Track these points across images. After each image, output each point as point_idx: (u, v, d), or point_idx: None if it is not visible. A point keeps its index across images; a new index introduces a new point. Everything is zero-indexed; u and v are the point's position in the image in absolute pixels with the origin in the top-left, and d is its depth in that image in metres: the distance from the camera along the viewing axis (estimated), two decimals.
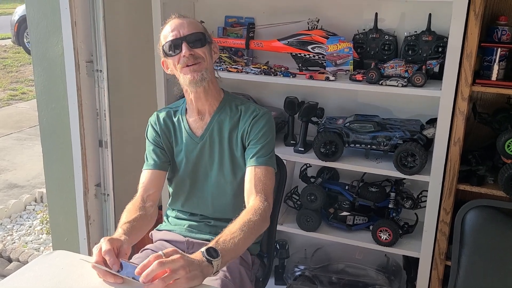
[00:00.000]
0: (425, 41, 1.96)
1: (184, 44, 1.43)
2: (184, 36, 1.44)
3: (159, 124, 1.59)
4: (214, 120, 1.54)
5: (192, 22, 1.48)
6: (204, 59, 1.47)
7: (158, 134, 1.58)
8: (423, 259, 1.97)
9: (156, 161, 1.56)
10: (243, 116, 1.52)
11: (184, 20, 1.47)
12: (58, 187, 2.22)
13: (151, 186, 1.55)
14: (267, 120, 1.52)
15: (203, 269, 1.13)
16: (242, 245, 1.28)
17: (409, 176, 1.92)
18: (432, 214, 1.90)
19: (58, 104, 2.09)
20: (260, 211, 1.37)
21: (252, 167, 1.47)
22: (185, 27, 1.45)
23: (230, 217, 1.53)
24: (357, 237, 2.12)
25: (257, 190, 1.43)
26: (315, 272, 2.29)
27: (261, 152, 1.48)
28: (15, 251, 2.67)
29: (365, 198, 2.08)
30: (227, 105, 1.55)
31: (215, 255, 1.16)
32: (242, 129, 1.52)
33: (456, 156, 1.79)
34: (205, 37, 1.48)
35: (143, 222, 1.46)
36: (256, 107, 1.55)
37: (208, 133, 1.55)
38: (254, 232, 1.34)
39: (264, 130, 1.50)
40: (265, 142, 1.49)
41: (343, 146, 2.01)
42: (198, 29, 1.48)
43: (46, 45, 2.03)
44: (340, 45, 2.01)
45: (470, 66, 1.69)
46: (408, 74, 1.87)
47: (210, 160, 1.56)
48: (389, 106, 2.18)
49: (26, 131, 5.27)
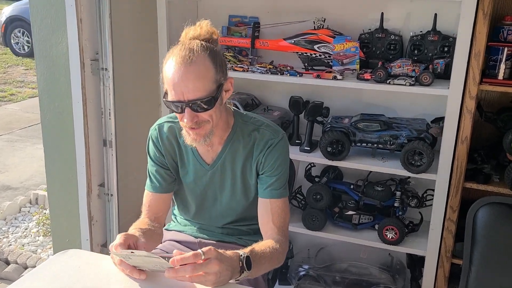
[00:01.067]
0: (431, 41, 1.98)
1: (187, 111, 1.24)
2: (188, 101, 1.23)
3: (162, 142, 1.44)
4: (226, 149, 1.41)
5: (200, 78, 1.22)
6: (210, 122, 1.28)
7: (162, 154, 1.45)
8: (429, 257, 1.98)
9: (162, 184, 1.46)
10: (257, 145, 1.39)
11: (190, 75, 1.21)
12: (60, 187, 2.18)
13: (158, 209, 1.48)
14: (282, 149, 1.40)
15: (233, 275, 1.13)
16: (263, 270, 1.29)
17: (416, 175, 1.93)
18: (438, 212, 1.91)
19: (61, 102, 2.06)
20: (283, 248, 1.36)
21: (267, 200, 1.40)
22: (189, 90, 1.21)
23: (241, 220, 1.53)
24: (362, 236, 2.12)
25: (276, 225, 1.38)
26: (319, 272, 2.29)
27: (276, 184, 1.39)
28: (13, 254, 2.62)
29: (371, 197, 2.09)
30: (239, 132, 1.41)
31: (248, 267, 1.17)
32: (256, 159, 1.40)
33: (464, 154, 1.81)
34: (214, 99, 1.25)
35: (152, 235, 1.40)
36: (270, 132, 1.40)
37: (220, 162, 1.43)
38: (275, 263, 1.34)
39: (279, 161, 1.39)
40: (280, 174, 1.39)
41: (349, 145, 2.02)
42: (207, 90, 1.23)
43: (50, 43, 2.00)
44: (346, 44, 2.02)
45: (478, 65, 1.71)
46: (415, 73, 1.88)
47: (221, 188, 1.47)
48: (393, 105, 2.20)
49: (16, 133, 5.19)
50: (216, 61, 1.26)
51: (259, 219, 1.43)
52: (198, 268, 1.06)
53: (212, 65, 1.24)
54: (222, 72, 1.28)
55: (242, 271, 1.16)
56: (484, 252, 1.46)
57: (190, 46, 1.25)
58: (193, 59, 1.22)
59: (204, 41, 1.28)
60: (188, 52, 1.23)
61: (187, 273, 1.05)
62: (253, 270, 1.19)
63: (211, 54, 1.25)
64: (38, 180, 3.90)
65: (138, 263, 1.11)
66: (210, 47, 1.27)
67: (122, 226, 2.17)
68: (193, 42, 1.27)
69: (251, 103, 2.33)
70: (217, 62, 1.26)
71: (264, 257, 1.25)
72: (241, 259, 1.16)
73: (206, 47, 1.26)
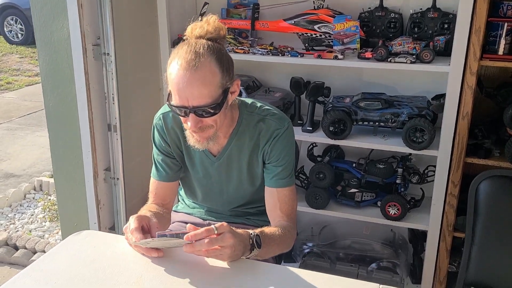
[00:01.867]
0: (431, 18, 1.99)
1: (192, 116, 1.22)
2: (193, 108, 1.20)
3: (167, 132, 1.43)
4: (232, 142, 1.41)
5: (205, 85, 1.19)
6: (214, 126, 1.27)
7: (167, 144, 1.44)
8: (431, 231, 2.03)
9: (168, 173, 1.47)
10: (263, 136, 1.39)
11: (195, 81, 1.18)
12: (66, 173, 2.20)
13: (165, 196, 1.49)
14: (288, 138, 1.40)
15: (245, 251, 1.17)
16: (272, 252, 1.30)
17: (418, 152, 1.96)
18: (440, 187, 1.95)
19: (64, 89, 2.07)
20: (292, 234, 1.39)
21: (274, 189, 1.41)
22: (194, 97, 1.19)
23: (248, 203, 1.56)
24: (365, 213, 2.16)
25: (284, 213, 1.41)
26: (323, 249, 2.34)
27: (283, 173, 1.40)
28: (21, 239, 2.66)
29: (373, 175, 2.12)
30: (245, 124, 1.40)
31: (258, 245, 1.20)
32: (262, 150, 1.40)
33: (465, 130, 1.84)
34: (220, 105, 1.22)
35: (161, 218, 1.40)
36: (276, 121, 1.39)
37: (226, 155, 1.43)
38: (284, 247, 1.36)
39: (286, 151, 1.39)
40: (286, 163, 1.40)
41: (351, 124, 2.05)
42: (212, 96, 1.20)
43: (51, 30, 2.00)
44: (346, 23, 2.02)
45: (479, 41, 1.72)
46: (416, 51, 1.90)
47: (227, 179, 1.48)
48: (394, 83, 2.22)
49: (16, 121, 5.19)
50: (223, 65, 1.22)
51: (267, 206, 1.45)
52: (214, 242, 1.09)
53: (218, 69, 1.20)
54: (228, 76, 1.24)
55: (252, 248, 1.19)
56: (486, 224, 1.49)
57: (196, 49, 1.20)
58: (199, 64, 1.17)
59: (211, 40, 1.24)
60: (194, 56, 1.18)
61: (204, 247, 1.08)
62: (262, 250, 1.22)
63: (218, 57, 1.21)
64: (41, 167, 3.93)
65: (156, 245, 1.14)
66: (217, 49, 1.23)
67: (129, 209, 2.20)
68: (199, 43, 1.22)
69: (252, 85, 2.34)
70: (224, 65, 1.22)
71: (273, 239, 1.28)
72: (251, 237, 1.19)
73: (213, 50, 1.21)
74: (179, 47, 1.24)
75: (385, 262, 2.20)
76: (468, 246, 1.54)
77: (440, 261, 2.04)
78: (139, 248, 1.16)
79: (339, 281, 1.10)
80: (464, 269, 1.51)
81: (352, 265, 2.22)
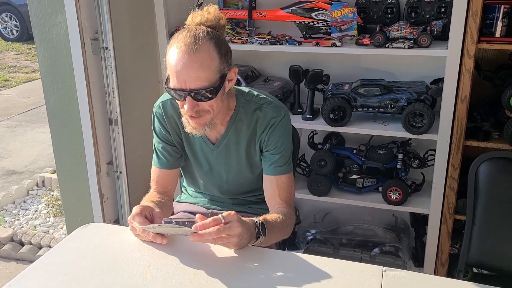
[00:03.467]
0: (428, 2, 2.00)
1: (189, 99, 1.23)
2: (190, 90, 1.22)
3: (167, 120, 1.44)
4: (230, 130, 1.43)
5: (203, 68, 1.21)
6: (211, 112, 1.28)
7: (168, 131, 1.46)
8: (432, 214, 2.05)
9: (169, 160, 1.49)
10: (260, 124, 1.41)
11: (193, 63, 1.20)
12: (69, 168, 2.22)
13: (166, 184, 1.51)
14: (284, 126, 1.42)
15: (251, 239, 1.19)
16: (274, 239, 1.32)
17: (417, 136, 1.97)
18: (440, 171, 1.97)
19: (64, 84, 2.07)
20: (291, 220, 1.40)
21: (272, 177, 1.43)
22: (192, 79, 1.20)
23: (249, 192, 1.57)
24: (367, 198, 2.18)
25: (283, 200, 1.42)
26: (326, 235, 2.37)
27: (280, 161, 1.42)
28: (27, 235, 2.69)
29: (373, 161, 2.14)
30: (242, 112, 1.42)
31: (263, 233, 1.22)
32: (259, 138, 1.42)
33: (464, 113, 1.85)
34: (216, 89, 1.24)
35: (163, 207, 1.41)
36: (272, 110, 1.40)
37: (225, 143, 1.45)
38: (284, 233, 1.38)
39: (283, 139, 1.41)
40: (284, 151, 1.42)
41: (351, 111, 2.06)
42: (210, 79, 1.22)
43: (49, 25, 2.00)
44: (344, 10, 2.03)
45: (476, 24, 1.73)
46: (413, 36, 1.90)
47: (226, 167, 1.50)
48: (392, 69, 2.22)
49: (15, 118, 5.19)
50: (221, 50, 1.24)
51: (265, 194, 1.47)
52: (222, 231, 1.11)
53: (216, 54, 1.23)
54: (226, 62, 1.26)
55: (258, 236, 1.21)
56: (487, 206, 1.51)
57: (196, 33, 1.22)
58: (198, 47, 1.20)
59: (210, 28, 1.26)
60: (193, 39, 1.21)
61: (212, 236, 1.10)
62: (267, 237, 1.24)
63: (217, 43, 1.24)
64: (42, 164, 3.94)
65: (162, 231, 1.16)
66: (216, 35, 1.25)
67: (132, 202, 2.22)
68: (199, 29, 1.24)
69: (251, 74, 2.35)
70: (222, 51, 1.25)
71: (275, 226, 1.30)
72: (256, 225, 1.21)
73: (212, 35, 1.24)
74: (179, 32, 1.26)
75: (388, 247, 2.23)
76: (469, 228, 1.56)
77: (442, 243, 2.07)
78: (145, 234, 1.17)
79: (343, 265, 1.12)
80: (465, 251, 1.54)
81: (355, 250, 2.25)
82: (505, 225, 1.50)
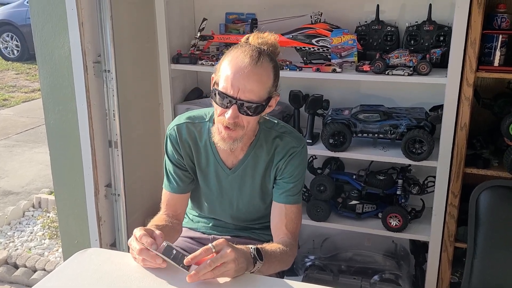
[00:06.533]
0: (426, 30, 2.02)
1: (234, 108, 1.24)
2: (239, 100, 1.24)
3: (181, 144, 1.44)
4: (249, 155, 1.43)
5: (260, 83, 1.25)
6: (244, 128, 1.30)
7: (181, 156, 1.45)
8: (433, 242, 2.03)
9: (180, 185, 1.48)
10: (279, 152, 1.42)
11: (253, 76, 1.23)
12: (67, 190, 2.21)
13: (176, 208, 1.50)
14: (303, 156, 1.44)
15: (248, 264, 1.17)
16: (273, 268, 1.30)
17: (417, 163, 1.98)
18: (440, 198, 1.96)
19: (65, 106, 2.08)
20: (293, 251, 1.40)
21: (282, 205, 1.43)
22: (247, 89, 1.23)
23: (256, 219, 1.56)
24: (366, 224, 2.17)
25: (289, 230, 1.42)
26: (325, 262, 2.34)
27: (293, 190, 1.43)
28: (21, 257, 2.65)
29: (373, 186, 2.13)
30: (262, 138, 1.43)
31: (260, 258, 1.20)
32: (276, 165, 1.43)
33: (463, 140, 1.86)
34: (261, 108, 1.27)
35: (170, 231, 1.41)
36: (293, 139, 1.42)
37: (242, 168, 1.44)
38: (284, 265, 1.37)
39: (299, 169, 1.42)
40: (297, 181, 1.43)
41: (351, 136, 2.06)
42: (261, 95, 1.26)
43: (52, 47, 2.02)
44: (344, 37, 2.05)
45: (474, 53, 1.75)
46: (413, 63, 1.93)
47: (238, 193, 1.49)
48: (391, 95, 2.24)
49: (13, 138, 5.18)
50: (276, 74, 1.30)
51: (272, 221, 1.46)
52: (216, 260, 1.09)
53: (273, 75, 1.28)
54: (275, 87, 1.31)
55: (255, 261, 1.19)
56: (488, 235, 1.50)
57: (261, 50, 1.27)
58: (261, 63, 1.24)
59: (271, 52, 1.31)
60: (258, 54, 1.25)
61: (207, 269, 1.07)
62: (264, 265, 1.22)
63: (275, 66, 1.30)
64: (39, 184, 3.91)
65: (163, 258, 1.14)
66: (274, 59, 1.31)
67: (130, 225, 2.20)
68: (263, 48, 1.29)
69: None
70: (277, 75, 1.30)
71: (274, 256, 1.29)
72: (251, 251, 1.20)
73: (272, 57, 1.30)
74: (242, 44, 1.30)
75: (388, 274, 2.20)
76: (470, 256, 1.55)
77: (442, 272, 2.04)
78: (145, 256, 1.14)
79: None
80: (467, 280, 1.52)
81: (355, 278, 2.22)
82: (507, 254, 1.49)
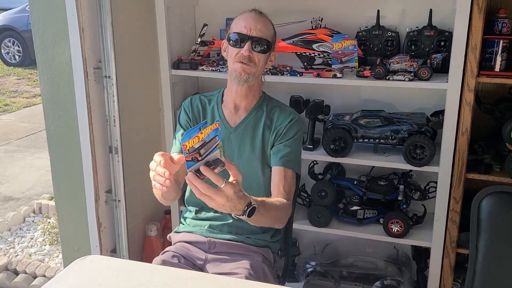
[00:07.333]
0: (427, 36, 2.02)
1: (248, 44, 1.49)
2: (252, 37, 1.49)
3: (191, 109, 1.62)
4: (251, 115, 1.59)
5: (266, 26, 1.53)
6: (256, 65, 1.52)
7: (189, 119, 1.61)
8: (434, 248, 2.02)
9: None
10: (279, 117, 1.58)
11: (260, 20, 1.52)
12: (68, 195, 2.20)
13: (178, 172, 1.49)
14: (300, 127, 1.59)
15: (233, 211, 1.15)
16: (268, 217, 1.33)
17: (418, 168, 1.97)
18: (442, 204, 1.95)
19: (65, 112, 2.08)
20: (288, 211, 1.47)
21: (281, 168, 1.52)
22: (258, 28, 1.50)
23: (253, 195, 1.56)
24: (368, 230, 2.16)
25: (286, 191, 1.49)
26: (326, 268, 2.33)
27: (291, 156, 1.54)
28: (21, 264, 2.64)
29: (374, 192, 2.13)
30: (264, 104, 1.61)
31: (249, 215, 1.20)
32: (276, 129, 1.57)
33: (464, 146, 1.85)
34: (269, 46, 1.53)
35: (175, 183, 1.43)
36: (291, 111, 1.61)
37: (243, 126, 1.58)
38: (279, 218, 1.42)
39: (297, 136, 1.57)
40: (295, 149, 1.56)
41: (352, 142, 2.06)
42: (268, 35, 1.53)
43: (52, 53, 2.02)
44: (344, 42, 2.05)
45: (475, 58, 1.75)
46: (413, 69, 1.92)
47: (239, 152, 1.57)
48: (392, 101, 2.23)
49: (14, 143, 5.18)
50: (274, 32, 1.59)
51: (272, 183, 1.53)
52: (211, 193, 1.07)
53: (272, 29, 1.57)
54: (274, 43, 1.58)
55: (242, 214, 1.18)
56: (490, 240, 1.49)
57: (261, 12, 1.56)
58: (263, 16, 1.55)
59: None
60: (260, 12, 1.55)
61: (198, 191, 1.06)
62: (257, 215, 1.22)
63: (273, 26, 1.58)
64: (40, 190, 3.91)
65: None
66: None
67: (130, 231, 2.19)
68: None
69: None
70: (275, 33, 1.59)
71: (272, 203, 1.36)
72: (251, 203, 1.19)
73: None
74: None
75: (389, 280, 2.19)
76: (472, 262, 1.53)
77: (444, 278, 2.03)
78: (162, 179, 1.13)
79: None
80: (469, 286, 1.50)
81: (356, 284, 2.21)
82: (509, 260, 1.48)
